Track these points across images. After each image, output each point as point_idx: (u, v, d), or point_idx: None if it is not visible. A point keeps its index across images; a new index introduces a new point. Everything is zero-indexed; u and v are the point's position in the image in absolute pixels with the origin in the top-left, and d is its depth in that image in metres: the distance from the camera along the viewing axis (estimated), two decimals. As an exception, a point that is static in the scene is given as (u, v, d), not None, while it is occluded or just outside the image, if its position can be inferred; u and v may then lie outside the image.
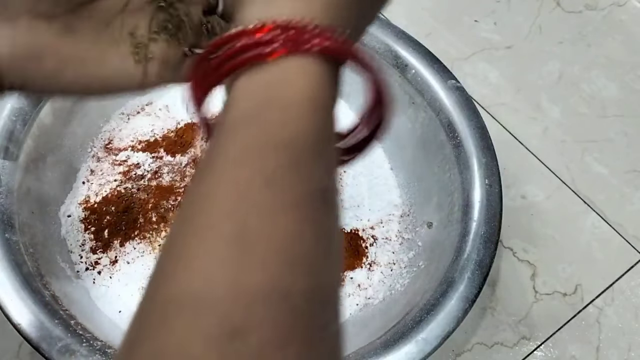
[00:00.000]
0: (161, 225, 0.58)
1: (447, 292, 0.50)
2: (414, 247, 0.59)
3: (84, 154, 0.62)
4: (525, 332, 0.62)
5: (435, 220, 0.59)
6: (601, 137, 0.73)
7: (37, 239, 0.53)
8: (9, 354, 0.58)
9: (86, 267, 0.56)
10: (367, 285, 0.59)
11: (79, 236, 0.57)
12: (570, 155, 0.71)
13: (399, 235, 0.61)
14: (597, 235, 0.67)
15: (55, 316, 0.46)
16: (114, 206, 0.59)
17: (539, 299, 0.63)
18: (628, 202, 0.69)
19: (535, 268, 0.65)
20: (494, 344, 0.61)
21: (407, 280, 0.57)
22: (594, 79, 0.76)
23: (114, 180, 0.60)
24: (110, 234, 0.58)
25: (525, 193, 0.69)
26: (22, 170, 0.53)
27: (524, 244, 0.66)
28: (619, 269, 0.65)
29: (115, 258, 0.57)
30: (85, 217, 0.58)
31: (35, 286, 0.48)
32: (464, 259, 0.51)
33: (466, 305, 0.49)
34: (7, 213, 0.50)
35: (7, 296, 0.46)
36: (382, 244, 0.61)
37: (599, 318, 0.63)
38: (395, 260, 0.60)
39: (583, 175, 0.70)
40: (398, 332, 0.48)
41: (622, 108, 0.74)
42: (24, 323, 0.45)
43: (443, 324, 0.48)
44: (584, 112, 0.74)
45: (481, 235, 0.52)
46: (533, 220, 0.67)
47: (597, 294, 0.64)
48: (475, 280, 0.50)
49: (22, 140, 0.53)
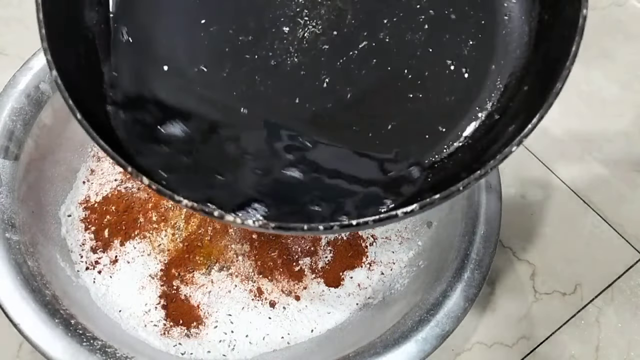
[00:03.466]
0: (161, 224, 0.58)
1: (447, 291, 0.50)
2: (414, 247, 0.59)
3: (84, 154, 0.62)
4: (525, 331, 0.62)
5: (435, 220, 0.59)
6: (600, 137, 0.73)
7: (37, 239, 0.53)
8: (9, 353, 0.58)
9: (86, 267, 0.56)
10: (367, 285, 0.59)
11: (79, 236, 0.57)
12: (570, 155, 0.71)
13: (398, 235, 0.61)
14: (596, 235, 0.67)
15: (55, 316, 0.46)
16: (114, 206, 0.59)
17: (539, 298, 0.63)
18: (628, 202, 0.69)
19: (535, 267, 0.65)
20: (494, 343, 0.61)
21: (407, 280, 0.57)
22: (594, 79, 0.76)
23: (114, 179, 0.60)
24: (111, 233, 0.58)
25: (525, 193, 0.69)
26: (23, 170, 0.53)
27: (523, 243, 0.66)
28: (618, 268, 0.65)
29: (115, 258, 0.57)
30: (86, 216, 0.58)
31: (35, 286, 0.48)
32: (463, 259, 0.51)
33: (466, 305, 0.49)
34: (7, 213, 0.50)
35: (7, 296, 0.46)
36: (382, 243, 0.61)
37: (599, 317, 0.63)
38: (395, 259, 0.60)
39: (583, 175, 0.70)
40: (398, 332, 0.48)
41: (622, 108, 0.74)
42: (24, 323, 0.45)
43: (443, 323, 0.48)
44: (584, 112, 0.74)
45: (481, 235, 0.52)
46: (533, 220, 0.67)
47: (596, 294, 0.64)
48: (475, 279, 0.50)
49: (22, 140, 0.53)
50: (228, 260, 0.57)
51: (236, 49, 0.36)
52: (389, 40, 0.36)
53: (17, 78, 0.54)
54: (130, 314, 0.54)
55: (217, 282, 0.57)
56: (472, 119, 0.35)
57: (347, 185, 0.34)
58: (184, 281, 0.56)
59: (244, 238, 0.58)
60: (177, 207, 0.59)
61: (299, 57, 0.36)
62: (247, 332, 0.55)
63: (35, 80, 0.54)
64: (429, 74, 0.36)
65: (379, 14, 0.37)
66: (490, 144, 0.33)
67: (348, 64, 0.36)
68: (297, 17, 0.37)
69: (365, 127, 0.35)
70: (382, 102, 0.36)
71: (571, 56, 0.30)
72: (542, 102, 0.29)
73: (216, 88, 0.35)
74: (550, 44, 0.34)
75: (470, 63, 0.36)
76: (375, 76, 0.36)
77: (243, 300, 0.56)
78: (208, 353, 0.53)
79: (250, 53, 0.36)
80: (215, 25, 0.36)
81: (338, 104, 0.36)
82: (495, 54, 0.36)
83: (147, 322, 0.54)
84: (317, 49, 0.36)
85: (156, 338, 0.53)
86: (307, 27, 0.37)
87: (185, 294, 0.56)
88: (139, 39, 0.36)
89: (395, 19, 0.37)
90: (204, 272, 0.57)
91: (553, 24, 0.34)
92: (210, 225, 0.58)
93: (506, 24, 0.36)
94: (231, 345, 0.54)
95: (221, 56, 0.36)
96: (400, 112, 0.36)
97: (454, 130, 0.35)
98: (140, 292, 0.56)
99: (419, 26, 0.36)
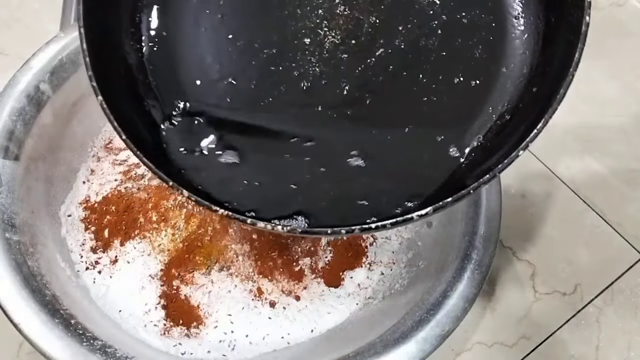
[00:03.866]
0: (161, 224, 0.58)
1: (447, 291, 0.50)
2: (414, 247, 0.59)
3: (84, 154, 0.62)
4: (525, 331, 0.62)
5: (435, 220, 0.59)
6: (601, 137, 0.73)
7: (37, 239, 0.53)
8: (9, 353, 0.58)
9: (86, 267, 0.56)
10: (367, 285, 0.59)
11: (79, 236, 0.57)
12: (570, 155, 0.71)
13: (398, 235, 0.61)
14: (596, 235, 0.67)
15: (55, 316, 0.46)
16: (114, 206, 0.59)
17: (539, 298, 0.63)
18: (628, 202, 0.69)
19: (535, 267, 0.65)
20: (494, 343, 0.61)
21: (407, 280, 0.57)
22: (594, 79, 0.76)
23: (114, 179, 0.60)
24: (111, 233, 0.58)
25: (525, 193, 0.69)
26: (23, 170, 0.53)
27: (523, 243, 0.66)
28: (618, 268, 0.65)
29: (115, 258, 0.57)
30: (86, 216, 0.58)
31: (35, 286, 0.48)
32: (463, 259, 0.51)
33: (466, 305, 0.49)
34: (7, 213, 0.50)
35: (7, 296, 0.46)
36: (381, 243, 0.61)
37: (599, 318, 0.63)
38: (395, 259, 0.60)
39: (583, 175, 0.70)
40: (398, 332, 0.48)
41: (622, 108, 0.74)
42: (24, 323, 0.45)
43: (443, 323, 0.48)
44: (584, 112, 0.74)
45: (481, 234, 0.52)
46: (533, 219, 0.67)
47: (596, 294, 0.64)
48: (475, 279, 0.50)
49: (22, 140, 0.53)
50: (228, 260, 0.57)
51: (261, 62, 0.38)
52: (404, 47, 0.38)
53: (17, 78, 0.54)
54: (130, 314, 0.54)
55: (217, 282, 0.57)
56: (485, 120, 0.36)
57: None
58: (184, 281, 0.56)
59: (244, 238, 0.58)
60: (177, 207, 0.59)
61: (320, 66, 0.38)
62: (247, 332, 0.55)
63: (36, 80, 0.54)
64: (443, 78, 0.37)
65: (394, 22, 0.38)
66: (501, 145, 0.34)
67: (366, 71, 0.38)
68: (318, 29, 0.39)
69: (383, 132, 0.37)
70: (398, 106, 0.38)
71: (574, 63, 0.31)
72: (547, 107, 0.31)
73: (244, 99, 0.38)
74: (556, 48, 0.35)
75: (482, 66, 0.37)
76: (392, 82, 0.38)
77: (243, 300, 0.56)
78: (208, 353, 0.53)
79: (275, 65, 0.38)
80: (242, 40, 0.39)
81: (357, 111, 0.37)
82: (505, 56, 0.37)
83: (147, 322, 0.54)
84: (337, 58, 0.38)
85: (156, 338, 0.53)
86: (327, 38, 0.38)
87: (185, 294, 0.56)
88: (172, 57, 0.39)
89: (409, 25, 0.38)
90: (204, 272, 0.57)
91: (559, 26, 0.35)
92: (210, 225, 0.58)
93: (515, 27, 0.37)
94: (231, 345, 0.54)
95: (248, 69, 0.38)
96: (416, 116, 0.37)
97: (468, 132, 0.36)
98: (140, 292, 0.56)
99: (433, 32, 0.38)
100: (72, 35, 0.56)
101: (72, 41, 0.56)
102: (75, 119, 0.60)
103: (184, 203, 0.59)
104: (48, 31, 0.57)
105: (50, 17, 0.74)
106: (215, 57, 0.39)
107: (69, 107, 0.59)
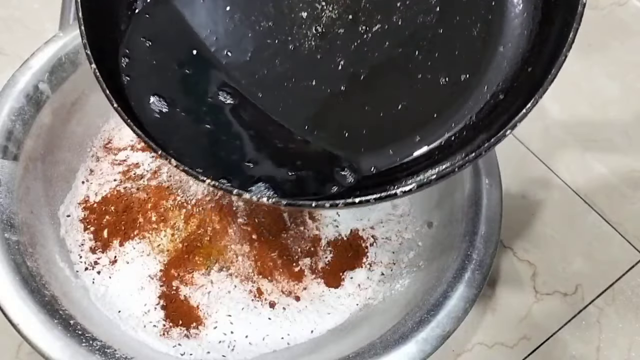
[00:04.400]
0: (161, 225, 0.58)
1: (447, 292, 0.49)
2: (414, 247, 0.59)
3: (83, 154, 0.61)
4: (526, 332, 0.62)
5: (435, 220, 0.59)
6: (601, 137, 0.72)
7: (37, 239, 0.53)
8: (8, 354, 0.58)
9: (85, 267, 0.56)
10: (367, 285, 0.58)
11: (78, 236, 0.57)
12: (571, 155, 0.71)
13: (399, 235, 0.61)
14: (597, 235, 0.67)
15: (54, 316, 0.46)
16: (114, 206, 0.58)
17: (539, 298, 0.63)
18: (628, 202, 0.69)
19: (536, 268, 0.65)
20: (495, 343, 0.61)
21: (407, 280, 0.57)
22: (595, 79, 0.76)
23: (114, 179, 0.60)
24: (110, 233, 0.57)
25: (526, 193, 0.69)
26: (22, 170, 0.53)
27: (524, 243, 0.66)
28: (619, 268, 0.65)
29: (114, 258, 0.57)
30: (85, 217, 0.58)
31: (34, 286, 0.47)
32: (464, 259, 0.51)
33: (466, 305, 0.49)
34: (6, 213, 0.50)
35: (6, 296, 0.46)
36: (382, 243, 0.61)
37: (600, 318, 0.63)
38: (396, 260, 0.60)
39: (583, 175, 0.70)
40: (398, 332, 0.48)
41: (622, 108, 0.74)
42: (24, 323, 0.45)
43: (443, 323, 0.48)
44: (584, 112, 0.74)
45: (481, 235, 0.52)
46: (533, 220, 0.67)
47: (597, 294, 0.64)
48: (475, 280, 0.50)
49: (21, 140, 0.53)
50: (228, 261, 0.57)
51: (258, 35, 0.39)
52: (402, 23, 0.38)
53: (16, 77, 0.54)
54: (130, 315, 0.54)
55: (216, 283, 0.56)
56: (479, 99, 0.37)
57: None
58: (184, 281, 0.56)
59: (244, 238, 0.58)
60: (176, 208, 0.59)
61: (316, 41, 0.38)
62: (247, 333, 0.55)
63: (35, 80, 0.54)
64: (440, 55, 0.37)
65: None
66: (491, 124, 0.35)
67: (362, 46, 0.38)
68: (315, 3, 0.39)
69: (376, 107, 0.37)
70: (393, 82, 0.38)
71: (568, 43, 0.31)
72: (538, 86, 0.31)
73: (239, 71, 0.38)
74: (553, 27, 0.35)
75: (479, 44, 0.37)
76: (388, 58, 0.38)
77: (243, 300, 0.56)
78: (208, 354, 0.53)
79: (271, 38, 0.38)
80: (239, 13, 0.39)
81: (352, 86, 0.37)
82: (503, 35, 0.37)
83: (147, 323, 0.54)
84: (333, 32, 0.38)
85: (155, 339, 0.53)
86: (324, 12, 0.38)
87: (185, 295, 0.56)
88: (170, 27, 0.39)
89: (408, 1, 0.38)
90: (203, 273, 0.57)
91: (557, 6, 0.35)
92: (209, 226, 0.58)
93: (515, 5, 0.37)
94: (231, 346, 0.54)
95: (244, 41, 0.39)
96: (411, 93, 0.37)
97: (462, 109, 0.36)
98: (140, 292, 0.55)
99: (431, 9, 0.38)
100: (71, 34, 0.56)
101: (71, 41, 0.56)
102: (75, 118, 0.60)
103: (184, 203, 0.59)
104: (47, 31, 0.57)
105: (49, 17, 0.74)
106: (212, 29, 0.39)
107: (68, 107, 0.58)
